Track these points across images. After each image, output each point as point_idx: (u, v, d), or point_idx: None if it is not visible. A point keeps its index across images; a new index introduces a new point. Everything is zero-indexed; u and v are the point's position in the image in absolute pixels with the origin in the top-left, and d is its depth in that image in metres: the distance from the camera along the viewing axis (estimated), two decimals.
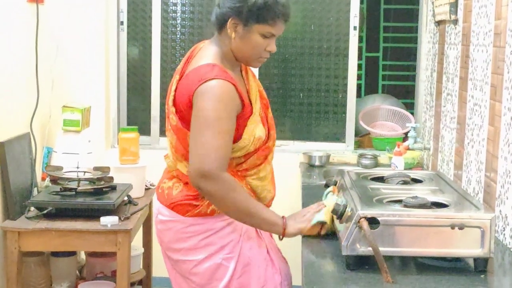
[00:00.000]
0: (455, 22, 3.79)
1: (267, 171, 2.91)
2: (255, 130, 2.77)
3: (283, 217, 2.75)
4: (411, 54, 6.38)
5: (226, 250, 2.79)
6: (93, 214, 3.62)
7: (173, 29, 5.26)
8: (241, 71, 2.92)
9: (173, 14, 5.24)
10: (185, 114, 2.73)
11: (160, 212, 2.92)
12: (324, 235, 2.75)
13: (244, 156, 2.80)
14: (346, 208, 2.51)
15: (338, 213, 2.52)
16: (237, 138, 2.73)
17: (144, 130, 5.13)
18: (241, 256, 2.80)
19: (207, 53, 2.80)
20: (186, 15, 5.26)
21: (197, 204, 2.78)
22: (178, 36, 5.28)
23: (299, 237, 2.83)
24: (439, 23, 4.31)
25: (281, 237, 2.76)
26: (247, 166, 2.83)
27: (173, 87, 2.81)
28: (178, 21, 5.27)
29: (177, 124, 2.77)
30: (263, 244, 2.89)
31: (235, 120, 2.69)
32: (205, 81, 2.65)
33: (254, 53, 2.77)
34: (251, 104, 2.81)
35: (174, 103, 2.78)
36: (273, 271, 2.88)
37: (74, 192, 3.72)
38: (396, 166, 4.13)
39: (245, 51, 2.77)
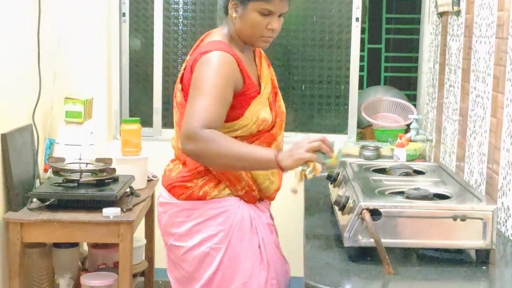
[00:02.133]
0: (458, 13, 3.79)
1: None
2: (260, 111, 2.77)
3: (277, 152, 2.57)
4: (414, 46, 6.37)
5: (215, 239, 2.78)
6: (95, 205, 3.62)
7: (175, 21, 5.25)
8: (254, 57, 2.94)
9: (175, 6, 5.24)
10: (188, 90, 2.74)
11: (161, 194, 2.96)
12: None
13: (246, 139, 2.77)
14: (348, 199, 2.51)
15: (341, 205, 2.52)
16: (238, 115, 2.74)
17: (146, 121, 5.13)
18: (230, 247, 2.78)
19: (215, 36, 2.84)
20: (188, 6, 5.25)
21: (190, 185, 2.81)
22: (180, 27, 5.27)
23: (301, 230, 2.84)
24: (441, 14, 4.31)
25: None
26: None
27: (184, 65, 2.85)
28: (180, 13, 5.26)
29: (181, 100, 2.81)
30: (255, 239, 2.83)
31: (230, 90, 2.68)
32: (206, 53, 2.69)
33: (254, 32, 2.76)
34: (259, 85, 2.83)
35: (181, 80, 2.83)
36: (261, 267, 2.82)
37: (76, 184, 3.73)
38: (398, 158, 4.13)
39: (245, 30, 2.77)
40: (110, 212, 3.57)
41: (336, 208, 2.62)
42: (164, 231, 2.94)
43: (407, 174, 2.95)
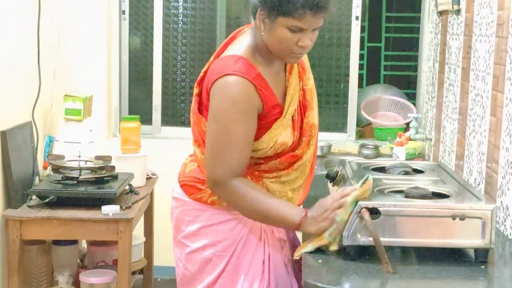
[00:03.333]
0: (458, 12, 3.79)
1: (290, 177, 2.72)
2: (280, 135, 2.60)
3: (302, 217, 2.48)
4: (413, 44, 6.37)
5: (220, 247, 2.68)
6: (94, 203, 3.63)
7: (174, 19, 5.25)
8: (285, 66, 2.70)
9: (175, 3, 5.24)
10: (203, 101, 2.63)
11: (175, 188, 2.83)
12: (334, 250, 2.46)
13: (263, 159, 2.66)
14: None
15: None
16: (255, 138, 2.58)
17: (146, 119, 5.13)
18: (233, 257, 2.69)
19: (242, 42, 2.64)
20: (188, 4, 5.26)
21: (201, 188, 2.69)
22: (180, 25, 5.27)
23: None
24: (441, 13, 4.31)
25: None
26: (267, 168, 2.68)
27: (205, 68, 2.70)
28: (180, 10, 5.26)
29: (194, 107, 2.69)
30: (261, 253, 2.71)
31: (254, 121, 2.54)
32: (222, 76, 2.51)
33: (282, 48, 2.52)
34: (282, 105, 2.62)
35: (200, 84, 2.69)
36: (260, 285, 2.69)
37: (75, 181, 3.73)
38: (398, 157, 4.13)
39: (273, 45, 2.53)
40: (109, 210, 3.57)
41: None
42: (175, 226, 2.83)
43: (406, 173, 2.95)
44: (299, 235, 2.83)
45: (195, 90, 2.69)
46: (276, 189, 2.69)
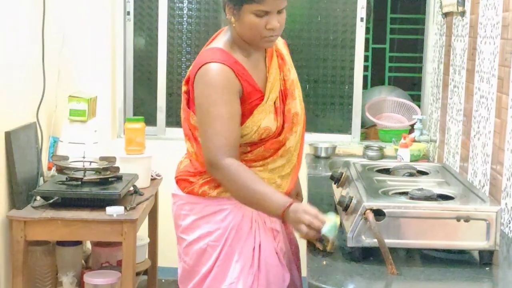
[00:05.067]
0: (463, 14, 3.78)
1: (278, 165, 2.81)
2: (263, 120, 2.71)
3: (285, 207, 2.53)
4: (418, 46, 6.36)
5: (213, 237, 2.78)
6: (98, 204, 3.63)
7: (179, 19, 5.25)
8: (266, 58, 2.83)
9: (180, 4, 5.24)
10: (190, 96, 2.77)
11: (172, 184, 2.95)
12: (329, 251, 2.50)
13: (250, 146, 2.76)
14: (351, 199, 2.51)
15: (344, 205, 2.52)
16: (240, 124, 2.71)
17: (150, 120, 5.13)
18: (226, 246, 2.77)
19: (219, 38, 2.81)
20: (193, 5, 5.26)
21: (192, 181, 2.82)
22: (184, 26, 5.27)
23: None
24: (446, 14, 4.30)
25: None
26: (253, 157, 2.77)
27: (191, 67, 2.81)
28: (185, 11, 5.26)
29: (183, 104, 2.83)
30: (251, 241, 2.78)
31: (235, 103, 2.66)
32: (202, 65, 2.67)
33: (254, 34, 2.67)
34: (263, 92, 2.75)
35: (186, 82, 2.82)
36: (249, 271, 2.76)
37: (80, 182, 3.73)
38: (402, 158, 4.12)
39: (245, 33, 2.69)
40: (114, 211, 3.57)
41: (339, 208, 2.62)
42: (175, 222, 2.94)
43: (410, 175, 2.95)
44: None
45: (183, 88, 2.83)
46: (265, 176, 2.77)
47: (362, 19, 5.09)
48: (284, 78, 2.85)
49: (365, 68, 6.13)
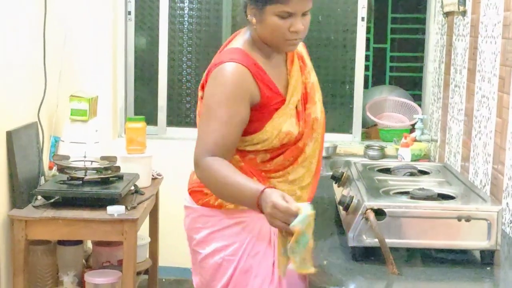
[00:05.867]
0: (464, 13, 3.78)
1: (298, 174, 2.66)
2: (283, 124, 2.56)
3: (257, 202, 2.33)
4: (419, 46, 6.36)
5: (229, 251, 2.63)
6: (99, 203, 3.63)
7: (180, 19, 5.26)
8: (286, 59, 2.70)
9: (181, 4, 5.24)
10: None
11: (185, 196, 2.79)
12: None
13: (270, 153, 2.60)
14: (352, 199, 2.51)
15: (345, 204, 2.51)
16: (257, 129, 2.55)
17: (151, 120, 5.13)
18: (242, 260, 2.62)
19: (238, 38, 2.67)
20: (194, 5, 5.26)
21: (207, 192, 2.64)
22: (185, 26, 5.27)
23: None
24: (447, 14, 4.30)
25: None
26: (273, 167, 2.62)
27: (207, 70, 2.67)
28: (186, 11, 5.26)
29: (198, 109, 2.69)
30: (270, 255, 2.62)
31: (243, 107, 2.50)
32: (218, 64, 2.54)
33: (276, 36, 2.52)
34: (285, 96, 2.60)
35: (202, 87, 2.66)
36: (270, 286, 2.61)
37: (81, 181, 3.73)
38: (403, 158, 4.13)
39: (267, 36, 2.54)
40: (115, 210, 3.57)
41: (340, 207, 2.62)
42: (188, 235, 2.78)
43: (411, 174, 2.95)
44: None
45: (199, 93, 2.67)
46: (285, 188, 2.59)
47: (363, 19, 5.09)
48: (305, 81, 2.72)
49: (366, 68, 6.13)
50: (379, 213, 2.36)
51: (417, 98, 5.72)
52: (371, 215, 2.33)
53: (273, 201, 2.26)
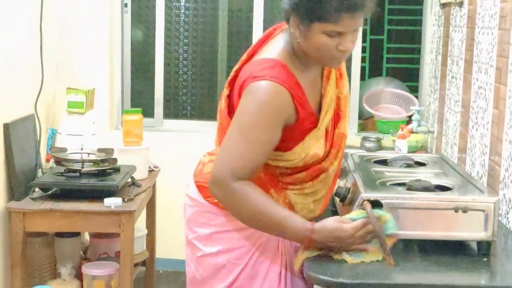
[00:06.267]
0: (460, 4, 3.78)
1: (314, 189, 2.57)
2: (312, 146, 2.46)
3: (311, 229, 2.31)
4: (416, 37, 6.36)
5: (234, 254, 2.55)
6: (97, 195, 3.63)
7: (176, 11, 5.25)
8: (322, 71, 2.54)
9: None
10: (234, 104, 2.46)
11: (190, 185, 2.68)
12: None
13: (292, 169, 2.51)
14: (349, 190, 2.50)
15: (342, 196, 2.51)
16: (286, 149, 2.44)
17: (148, 112, 5.13)
18: (248, 266, 2.55)
19: (278, 43, 2.47)
20: None
21: None
22: (182, 18, 5.27)
23: None
24: (444, 5, 4.30)
25: None
26: (292, 181, 2.53)
27: (236, 66, 2.54)
28: (182, 3, 5.26)
29: (224, 110, 2.51)
30: (278, 262, 2.56)
31: (277, 131, 2.36)
32: (257, 79, 2.34)
33: (322, 55, 2.35)
34: (317, 115, 2.48)
35: (231, 85, 2.52)
36: None
37: (78, 174, 3.73)
38: (400, 149, 4.13)
39: (311, 52, 2.37)
40: (112, 202, 3.58)
41: (337, 199, 2.62)
42: (187, 224, 2.70)
43: (408, 166, 2.95)
44: None
45: (225, 91, 2.53)
46: (299, 201, 2.55)
47: None
48: (339, 95, 2.57)
49: (363, 59, 6.13)
50: (376, 204, 2.36)
51: (414, 90, 5.72)
52: (368, 207, 2.33)
53: (351, 233, 2.28)
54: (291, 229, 2.33)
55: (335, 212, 2.76)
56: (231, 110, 2.49)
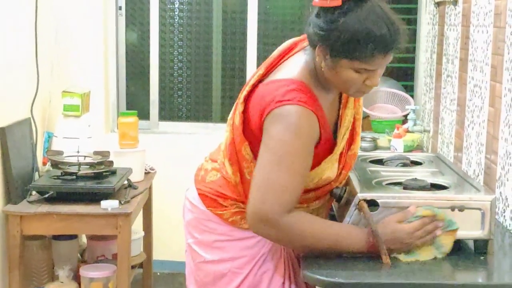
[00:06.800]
0: (455, 3, 3.78)
1: (319, 205, 2.55)
2: (326, 171, 2.42)
3: (369, 232, 2.29)
4: (411, 36, 6.36)
5: (237, 263, 2.50)
6: (93, 198, 3.64)
7: (171, 13, 5.25)
8: (341, 94, 2.48)
9: None
10: (252, 128, 2.36)
11: (190, 188, 2.62)
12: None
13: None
14: (345, 190, 2.50)
15: (337, 196, 2.51)
16: None
17: (143, 114, 5.13)
18: (251, 276, 2.50)
19: (299, 62, 2.39)
20: None
21: (224, 205, 2.50)
22: (176, 20, 5.26)
23: None
24: (438, 4, 4.31)
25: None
26: (299, 200, 2.40)
27: (253, 81, 2.42)
28: (176, 5, 5.26)
29: (239, 127, 2.40)
30: (281, 273, 2.53)
31: (312, 155, 2.31)
32: (281, 105, 2.24)
33: (347, 87, 2.29)
34: (333, 137, 2.43)
35: (246, 101, 2.41)
36: None
37: (74, 176, 3.74)
38: (396, 149, 4.13)
39: (336, 83, 2.30)
40: (108, 205, 3.58)
41: (333, 199, 2.62)
42: (186, 228, 2.65)
43: (404, 165, 2.95)
44: None
45: (240, 107, 2.41)
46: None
47: None
48: (355, 116, 2.51)
49: None
50: (372, 203, 2.35)
51: (409, 89, 5.72)
52: (364, 206, 2.33)
53: (410, 231, 2.28)
54: (351, 240, 2.29)
55: (332, 213, 2.76)
56: (245, 129, 2.40)
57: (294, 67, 2.37)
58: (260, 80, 2.42)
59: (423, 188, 2.49)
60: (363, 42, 2.17)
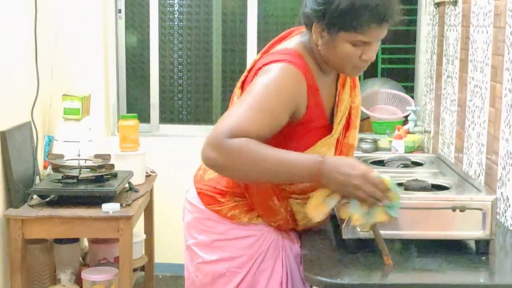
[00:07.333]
0: (455, 3, 3.78)
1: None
2: (324, 154, 2.33)
3: (321, 160, 2.19)
4: (411, 37, 6.36)
5: (235, 263, 2.51)
6: (94, 201, 3.64)
7: (170, 16, 5.25)
8: (337, 80, 2.50)
9: (171, 1, 5.24)
10: None
11: (190, 191, 2.63)
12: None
13: None
14: None
15: None
16: (294, 150, 2.28)
17: (144, 117, 5.14)
18: (249, 275, 2.51)
19: (296, 40, 2.45)
20: (184, 2, 5.25)
21: (221, 201, 2.51)
22: (176, 23, 5.27)
23: None
24: (438, 4, 4.31)
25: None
26: (295, 190, 2.47)
27: (249, 67, 2.47)
28: (176, 8, 5.26)
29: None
30: (279, 272, 2.54)
31: (284, 114, 2.27)
32: (270, 63, 2.31)
33: (344, 63, 2.32)
34: (329, 121, 2.45)
35: (242, 85, 2.45)
36: None
37: (75, 180, 3.74)
38: (397, 150, 4.13)
39: (333, 60, 2.33)
40: (110, 208, 3.58)
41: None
42: (186, 229, 2.65)
43: (405, 166, 2.95)
44: None
45: (238, 91, 2.45)
46: (301, 210, 2.48)
47: None
48: (351, 104, 2.53)
49: None
50: None
51: (410, 90, 5.73)
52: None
53: (364, 173, 2.18)
54: (298, 163, 2.19)
55: (333, 214, 2.76)
56: None
57: (290, 43, 2.43)
58: (255, 64, 2.45)
59: (424, 188, 2.50)
60: (360, 12, 2.23)
